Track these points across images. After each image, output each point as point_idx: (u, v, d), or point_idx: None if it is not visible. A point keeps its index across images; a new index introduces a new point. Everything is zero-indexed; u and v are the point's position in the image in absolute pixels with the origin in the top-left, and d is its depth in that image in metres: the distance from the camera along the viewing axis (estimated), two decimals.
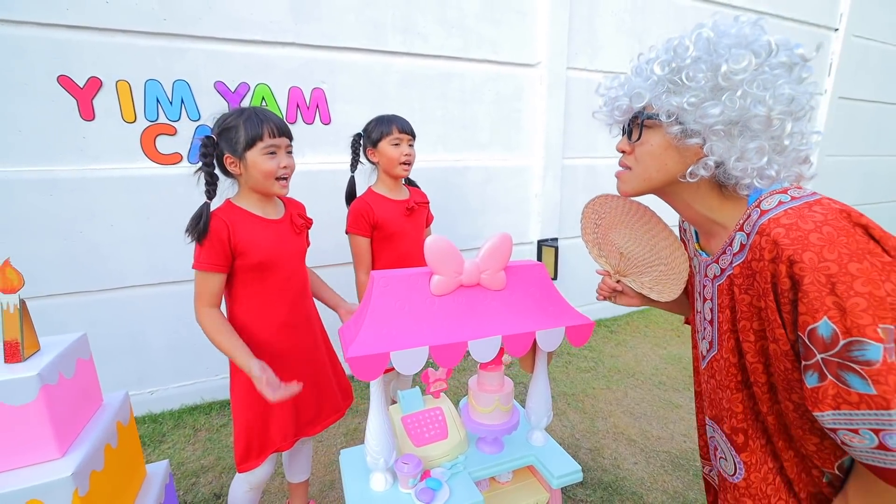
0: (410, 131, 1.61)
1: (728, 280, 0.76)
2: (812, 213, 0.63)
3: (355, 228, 1.59)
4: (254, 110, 1.15)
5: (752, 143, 0.66)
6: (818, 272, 0.59)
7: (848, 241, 0.59)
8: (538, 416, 1.19)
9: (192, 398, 2.32)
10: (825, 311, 0.58)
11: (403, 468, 1.01)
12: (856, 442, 0.59)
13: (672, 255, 0.95)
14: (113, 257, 2.03)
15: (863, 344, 0.56)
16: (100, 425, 1.07)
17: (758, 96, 0.64)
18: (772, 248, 0.64)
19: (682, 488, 1.69)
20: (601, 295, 1.06)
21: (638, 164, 0.78)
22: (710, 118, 0.66)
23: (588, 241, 1.02)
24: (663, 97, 0.70)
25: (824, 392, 0.60)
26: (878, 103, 4.72)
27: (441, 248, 0.97)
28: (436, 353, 0.92)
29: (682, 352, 2.85)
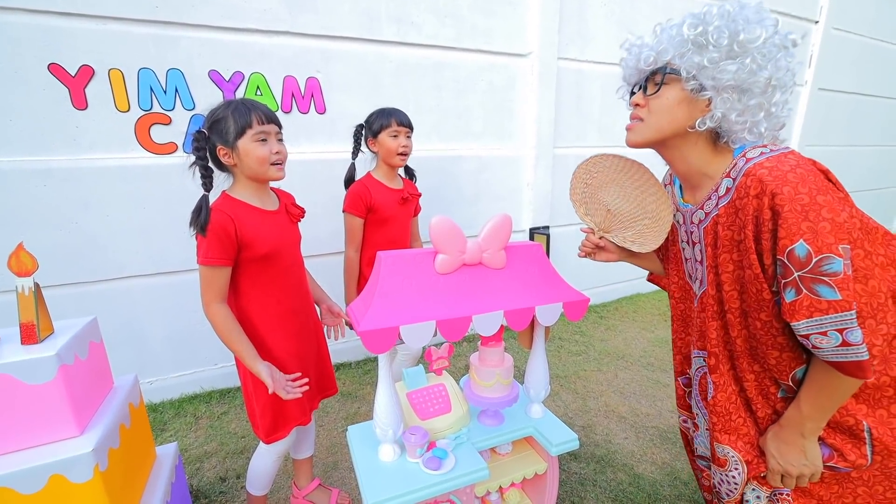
0: (408, 124, 1.70)
1: (713, 221, 0.90)
2: (787, 159, 0.78)
3: (352, 208, 1.69)
4: (241, 100, 1.17)
5: (752, 101, 0.80)
6: (795, 202, 0.73)
7: (815, 179, 0.74)
8: (536, 389, 1.25)
9: (191, 387, 2.34)
10: (801, 235, 0.72)
11: (411, 439, 1.07)
12: (824, 343, 0.74)
13: (658, 208, 1.05)
14: (109, 248, 2.02)
15: (830, 259, 0.71)
16: (114, 405, 1.10)
17: (762, 63, 0.78)
18: (757, 185, 0.78)
19: (670, 459, 1.78)
20: (583, 251, 1.16)
21: (651, 115, 0.89)
22: (727, 74, 0.79)
23: (575, 201, 1.11)
24: (687, 55, 0.82)
25: (800, 304, 0.74)
26: (855, 95, 4.87)
27: (446, 229, 1.01)
28: (442, 327, 0.97)
29: (669, 335, 2.95)
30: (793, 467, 0.85)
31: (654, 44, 0.87)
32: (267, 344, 1.25)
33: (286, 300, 1.29)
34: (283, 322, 1.29)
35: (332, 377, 1.50)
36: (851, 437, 0.83)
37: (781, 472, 0.87)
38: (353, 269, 1.77)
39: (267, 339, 1.25)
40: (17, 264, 0.96)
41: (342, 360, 2.59)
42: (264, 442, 1.30)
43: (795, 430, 0.84)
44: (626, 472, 1.71)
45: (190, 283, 2.21)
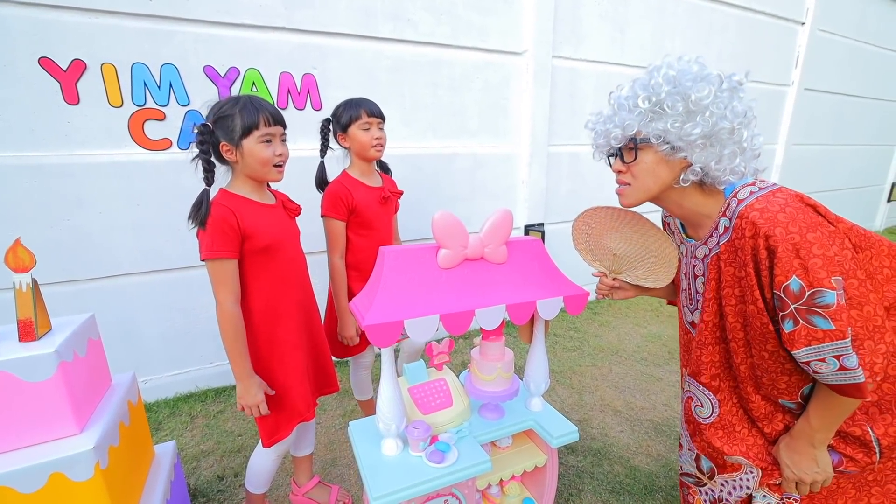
0: (379, 114, 1.57)
1: (715, 257, 0.95)
2: (776, 198, 0.83)
3: (332, 211, 1.55)
4: (249, 98, 1.17)
5: (726, 150, 0.86)
6: (786, 242, 0.78)
7: (804, 217, 0.79)
8: (537, 383, 1.26)
9: (186, 386, 2.32)
10: (794, 271, 0.77)
11: (414, 433, 1.07)
12: (823, 368, 0.79)
13: (661, 247, 1.10)
14: (102, 245, 2.00)
15: (822, 292, 0.76)
16: (113, 403, 1.09)
17: (720, 114, 0.83)
18: (751, 227, 0.83)
19: (665, 451, 1.82)
20: (600, 294, 1.20)
21: (636, 180, 0.94)
22: (693, 135, 0.84)
23: (581, 250, 1.17)
24: (650, 124, 0.87)
25: (798, 334, 0.79)
26: (840, 95, 4.97)
27: (448, 224, 1.02)
28: (446, 321, 0.98)
29: (662, 330, 3.00)
30: (806, 475, 0.90)
31: (617, 120, 0.91)
32: (273, 336, 1.26)
33: (290, 293, 1.30)
34: (288, 315, 1.29)
35: (333, 374, 1.50)
36: (861, 445, 0.88)
37: (796, 479, 0.92)
38: (342, 278, 1.60)
39: (272, 332, 1.26)
40: (14, 260, 0.95)
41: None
42: (264, 446, 1.30)
43: (806, 440, 0.89)
44: (623, 465, 1.74)
45: (185, 280, 2.19)
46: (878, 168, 5.97)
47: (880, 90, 5.42)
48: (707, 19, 3.57)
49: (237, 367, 1.18)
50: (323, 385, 1.47)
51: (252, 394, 1.19)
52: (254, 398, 1.19)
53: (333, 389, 1.50)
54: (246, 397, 1.19)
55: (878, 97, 5.44)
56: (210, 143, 1.17)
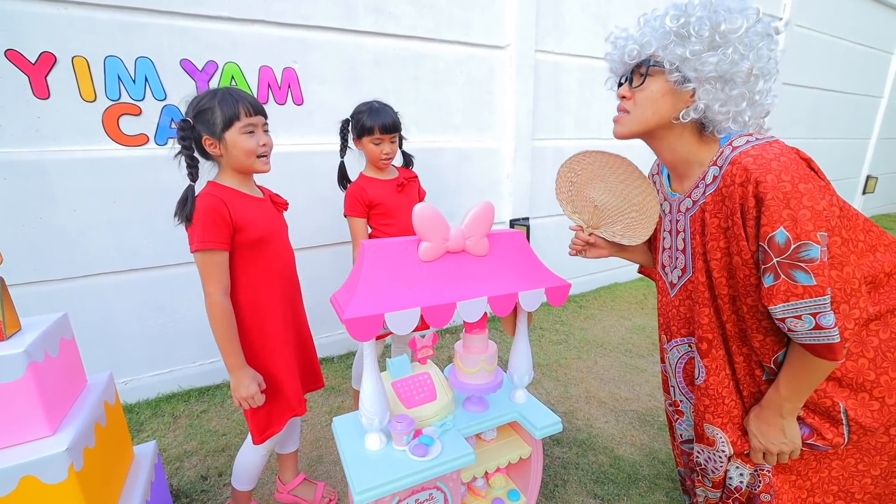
0: (392, 129, 1.64)
1: (700, 209, 0.92)
2: (772, 147, 0.80)
3: (351, 211, 1.67)
4: (227, 90, 1.16)
5: (734, 91, 0.82)
6: (777, 190, 0.75)
7: (797, 167, 0.77)
8: (520, 375, 1.27)
9: (168, 386, 2.27)
10: (781, 222, 0.75)
11: (397, 427, 1.07)
12: (798, 326, 0.78)
13: (645, 200, 1.07)
14: (77, 244, 1.94)
15: (808, 246, 0.74)
16: (88, 404, 1.06)
17: (744, 53, 0.79)
18: (742, 173, 0.80)
19: (648, 440, 1.84)
20: (573, 249, 1.17)
21: (636, 108, 0.90)
22: (708, 65, 0.80)
23: (562, 200, 1.12)
24: (670, 47, 0.83)
25: (777, 289, 0.78)
26: (817, 90, 5.09)
27: (428, 216, 1.02)
28: (427, 314, 0.97)
29: (646, 322, 3.04)
30: (773, 445, 0.90)
31: (637, 36, 0.88)
32: (263, 330, 1.25)
33: (279, 287, 1.29)
34: (277, 309, 1.28)
35: (319, 370, 1.49)
36: (829, 418, 0.88)
37: (763, 450, 0.92)
38: None
39: (262, 325, 1.25)
40: None
41: (325, 354, 2.56)
42: (255, 442, 1.29)
43: (775, 410, 0.89)
44: (607, 455, 1.76)
45: (165, 279, 2.14)
46: (853, 161, 6.13)
47: (855, 85, 5.56)
48: None
49: (230, 359, 1.17)
50: (309, 381, 1.46)
51: (246, 385, 1.17)
52: (247, 389, 1.18)
53: (319, 385, 1.49)
54: (240, 389, 1.18)
55: (854, 92, 5.59)
56: (192, 139, 1.16)
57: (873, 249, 0.88)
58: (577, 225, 1.13)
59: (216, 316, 1.14)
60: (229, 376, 1.20)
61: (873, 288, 0.87)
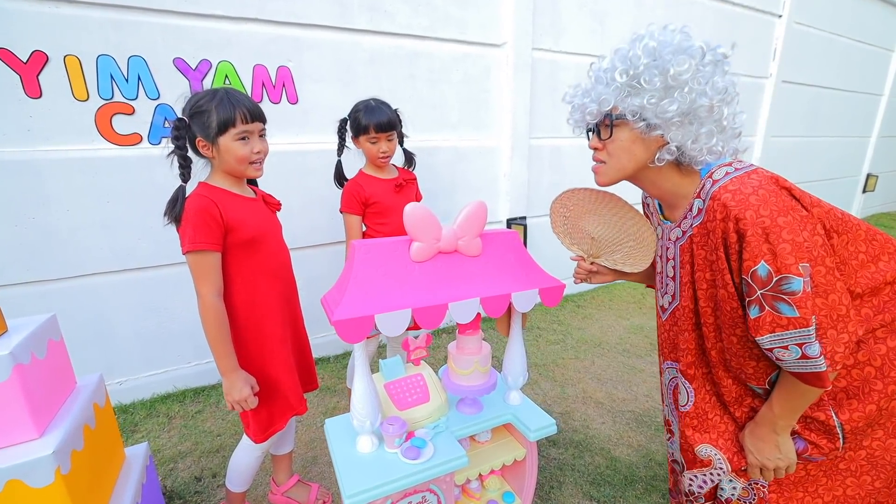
0: (388, 128, 1.63)
1: (689, 240, 0.93)
2: (750, 179, 0.81)
3: (348, 207, 1.67)
4: (226, 93, 1.14)
5: (703, 129, 0.82)
6: (756, 226, 0.76)
7: (776, 200, 0.77)
8: (514, 376, 1.26)
9: (163, 387, 2.26)
10: (762, 256, 0.76)
11: (389, 429, 1.06)
12: (786, 356, 0.79)
13: (640, 231, 1.08)
14: (71, 244, 1.93)
15: (789, 279, 0.75)
16: (76, 406, 1.05)
17: (700, 90, 0.79)
18: (722, 209, 0.81)
19: (646, 441, 1.84)
20: (578, 278, 1.18)
21: (611, 158, 0.91)
22: (669, 112, 0.80)
23: (559, 234, 1.14)
24: (627, 99, 0.84)
25: (763, 320, 0.79)
26: (817, 87, 5.07)
27: (420, 216, 1.00)
28: (418, 315, 0.96)
29: (644, 322, 3.03)
30: (769, 461, 0.91)
31: (593, 94, 0.88)
32: (261, 330, 1.24)
33: (274, 286, 1.28)
34: (273, 309, 1.28)
35: (314, 371, 1.49)
36: (824, 431, 0.89)
37: (759, 465, 0.92)
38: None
39: (259, 326, 1.24)
40: None
41: (321, 354, 2.55)
42: (255, 441, 1.28)
43: (769, 427, 0.89)
44: (604, 456, 1.75)
45: (159, 279, 2.13)
46: (853, 159, 6.11)
47: (855, 82, 5.54)
48: (685, 11, 3.60)
49: (222, 362, 1.15)
50: (305, 382, 1.45)
51: (238, 388, 1.16)
52: (240, 392, 1.16)
53: (314, 387, 1.49)
54: (232, 392, 1.16)
55: (853, 89, 5.57)
56: (186, 138, 1.15)
57: (876, 259, 0.87)
58: (577, 255, 1.14)
59: (209, 318, 1.13)
60: (223, 379, 1.18)
61: (874, 295, 0.86)
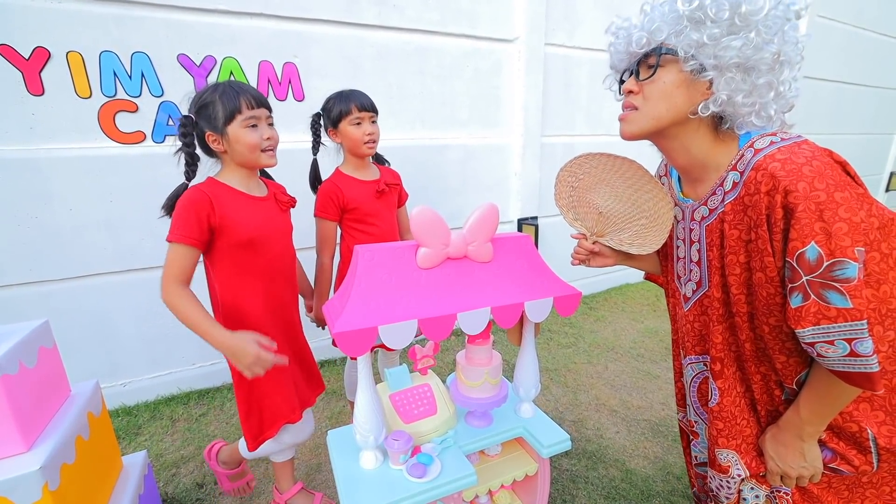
0: (372, 108, 1.50)
1: (718, 218, 0.82)
2: (801, 149, 0.70)
3: (323, 212, 1.52)
4: (228, 83, 1.13)
5: (760, 80, 0.72)
6: (810, 200, 0.66)
7: (832, 173, 0.67)
8: (526, 388, 1.19)
9: (168, 388, 2.24)
10: (813, 236, 0.66)
11: (394, 445, 1.00)
12: (830, 353, 0.69)
13: (656, 206, 0.96)
14: (74, 243, 1.90)
15: (843, 263, 0.65)
16: (69, 416, 1.01)
17: (767, 38, 0.70)
18: (769, 180, 0.70)
19: (662, 453, 1.76)
20: (576, 259, 1.07)
21: (647, 103, 0.80)
22: (731, 51, 0.70)
23: (562, 206, 1.02)
24: (684, 32, 0.73)
25: (807, 310, 0.69)
26: (838, 83, 4.89)
27: (427, 220, 0.94)
28: (424, 326, 0.90)
29: (659, 325, 2.94)
30: (792, 469, 0.82)
31: (645, 23, 0.78)
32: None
33: (276, 291, 1.24)
34: (273, 314, 1.24)
35: (317, 374, 1.45)
36: (855, 444, 0.79)
37: (780, 472, 0.84)
38: (327, 277, 1.58)
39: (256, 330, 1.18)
40: None
41: (326, 356, 2.51)
42: (249, 449, 1.26)
43: (794, 432, 0.81)
44: (618, 468, 1.68)
45: None
46: (876, 157, 5.90)
47: (878, 78, 5.34)
48: None
49: (214, 334, 1.04)
50: (307, 387, 1.41)
51: (244, 349, 1.03)
52: (249, 352, 1.03)
53: (320, 390, 1.45)
54: (243, 356, 1.03)
55: (877, 85, 5.36)
56: (194, 135, 1.14)
57: None
58: (579, 233, 1.03)
59: (173, 302, 1.06)
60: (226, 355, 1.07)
61: None
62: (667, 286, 1.08)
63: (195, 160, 1.15)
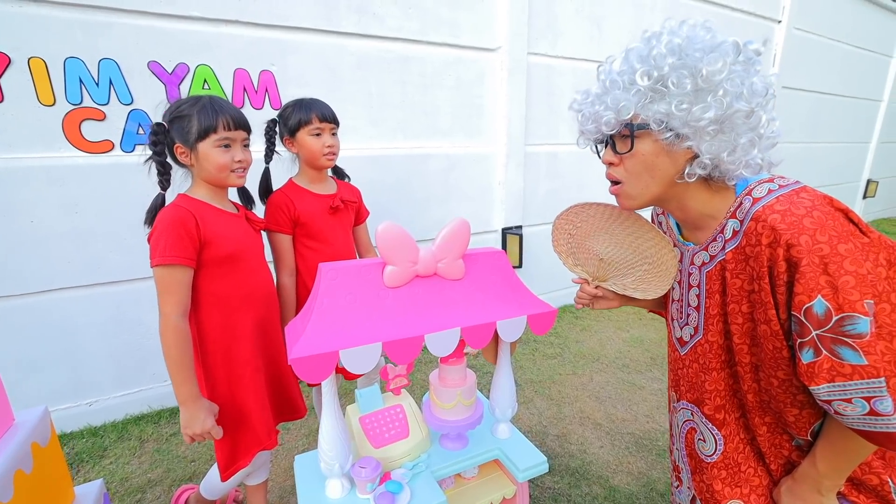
0: (332, 118, 1.43)
1: (719, 265, 0.79)
2: (801, 199, 0.67)
3: (273, 224, 1.41)
4: (210, 100, 1.11)
5: (742, 138, 0.70)
6: (813, 254, 0.63)
7: (835, 223, 0.64)
8: (503, 408, 1.15)
9: (137, 407, 2.15)
10: (819, 290, 0.63)
11: (361, 473, 0.95)
12: (848, 411, 0.64)
13: (659, 253, 0.92)
14: (36, 257, 1.82)
15: (854, 318, 0.61)
16: (7, 450, 0.93)
17: (735, 93, 0.67)
18: (769, 233, 0.67)
19: (646, 468, 1.72)
20: (579, 303, 1.02)
21: (631, 176, 0.78)
22: (703, 120, 0.68)
23: (561, 253, 0.99)
24: (650, 105, 0.71)
25: (819, 366, 0.64)
26: (816, 93, 4.99)
27: (394, 236, 0.90)
28: (390, 350, 0.85)
29: (644, 334, 2.92)
30: None
31: (609, 101, 0.74)
32: (232, 355, 1.16)
33: (252, 309, 1.20)
34: (249, 333, 1.19)
35: (298, 397, 1.38)
36: (877, 497, 0.75)
37: None
38: (290, 297, 1.46)
39: (230, 350, 1.16)
40: None
41: None
42: (221, 479, 1.20)
43: (811, 486, 0.75)
44: (602, 485, 1.64)
45: (133, 293, 2.02)
46: (853, 165, 6.04)
47: (855, 88, 5.48)
48: (685, 16, 3.49)
49: (182, 389, 1.07)
50: (286, 411, 1.36)
51: (200, 420, 1.07)
52: (203, 424, 1.07)
53: (299, 416, 1.39)
54: (193, 425, 1.07)
55: (853, 95, 5.50)
56: (164, 144, 1.11)
57: None
58: (580, 278, 0.99)
59: (170, 339, 1.04)
60: (181, 409, 1.08)
61: None
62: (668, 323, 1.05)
63: (167, 169, 1.13)
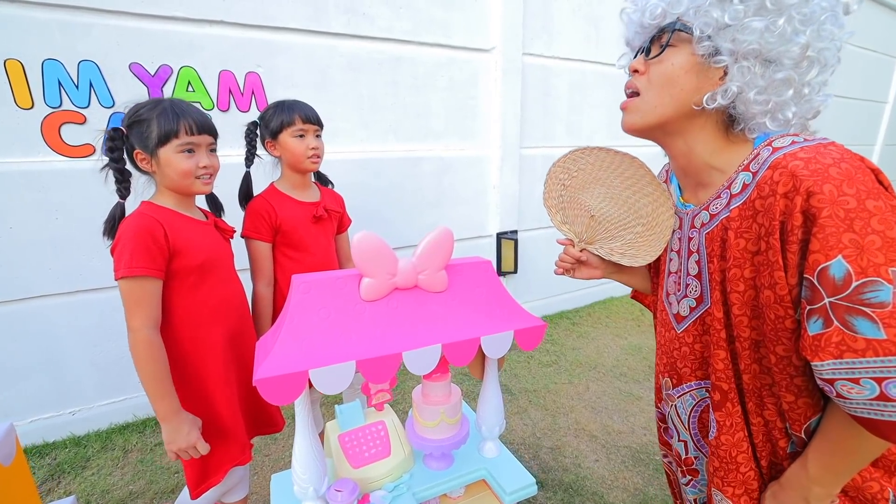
0: (316, 120, 1.39)
1: (720, 225, 0.71)
2: (828, 150, 0.59)
3: (253, 231, 1.35)
4: (171, 103, 1.05)
5: (779, 74, 0.62)
6: (837, 206, 0.54)
7: (864, 178, 0.56)
8: (489, 426, 1.09)
9: (122, 416, 2.10)
10: (840, 249, 0.54)
11: (336, 496, 0.89)
12: (853, 394, 0.55)
13: (655, 212, 0.85)
14: (15, 264, 1.77)
15: (877, 284, 0.52)
16: None
17: (799, 28, 0.60)
18: (787, 180, 0.59)
19: (643, 484, 1.66)
20: (560, 268, 0.96)
21: (650, 88, 0.70)
22: (751, 34, 0.61)
23: (550, 207, 0.92)
24: (704, 7, 0.63)
25: (827, 339, 0.56)
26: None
27: (371, 247, 0.84)
28: (364, 368, 0.80)
29: (643, 342, 2.86)
30: None
31: None
32: (203, 372, 1.12)
33: (223, 320, 1.15)
34: (220, 345, 1.14)
35: (275, 411, 1.33)
36: None
37: None
38: (267, 309, 1.41)
39: (202, 364, 1.11)
40: None
41: None
42: (191, 497, 1.14)
43: (798, 494, 0.67)
44: (596, 502, 1.58)
45: (115, 300, 1.91)
46: None
47: (859, 90, 5.42)
48: None
49: (162, 405, 1.02)
50: (262, 425, 1.31)
51: (185, 433, 1.03)
52: (187, 438, 1.03)
53: (276, 429, 1.34)
54: (177, 439, 1.03)
55: (858, 97, 5.44)
56: (124, 150, 1.06)
57: None
58: (566, 238, 0.93)
59: (142, 354, 1.00)
60: (162, 425, 1.03)
61: None
62: (655, 307, 0.97)
63: (126, 176, 1.08)
